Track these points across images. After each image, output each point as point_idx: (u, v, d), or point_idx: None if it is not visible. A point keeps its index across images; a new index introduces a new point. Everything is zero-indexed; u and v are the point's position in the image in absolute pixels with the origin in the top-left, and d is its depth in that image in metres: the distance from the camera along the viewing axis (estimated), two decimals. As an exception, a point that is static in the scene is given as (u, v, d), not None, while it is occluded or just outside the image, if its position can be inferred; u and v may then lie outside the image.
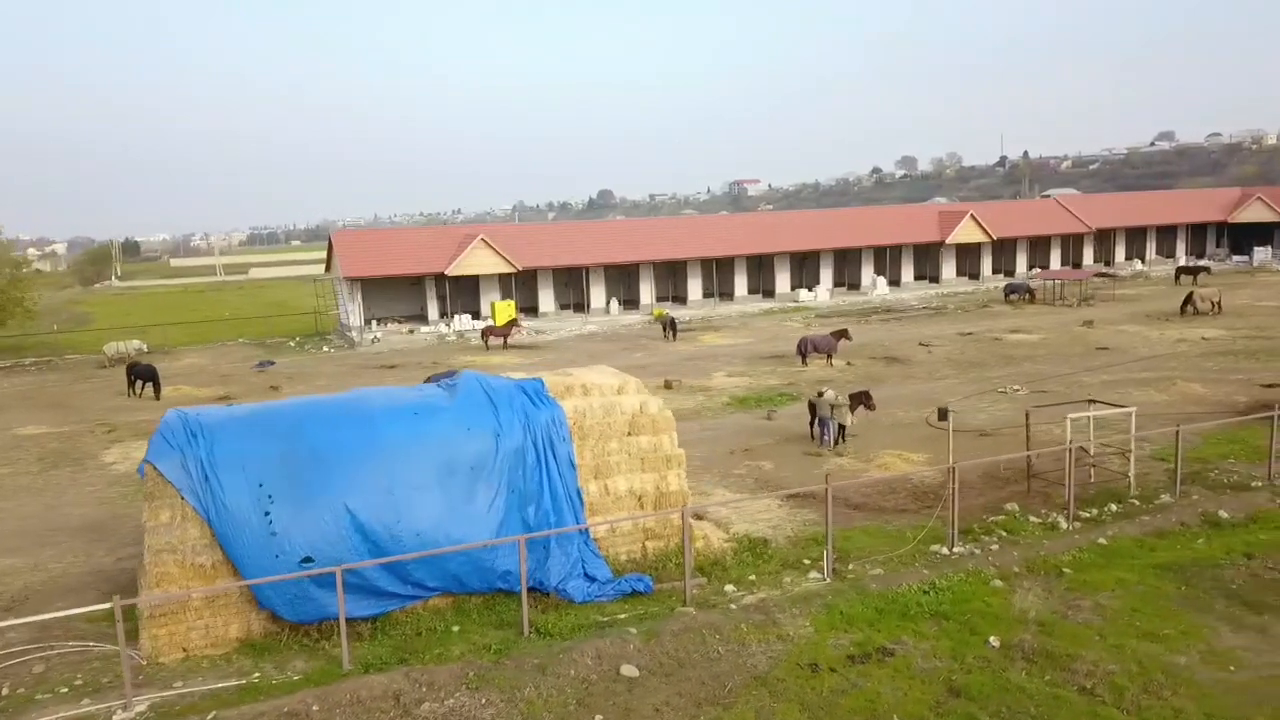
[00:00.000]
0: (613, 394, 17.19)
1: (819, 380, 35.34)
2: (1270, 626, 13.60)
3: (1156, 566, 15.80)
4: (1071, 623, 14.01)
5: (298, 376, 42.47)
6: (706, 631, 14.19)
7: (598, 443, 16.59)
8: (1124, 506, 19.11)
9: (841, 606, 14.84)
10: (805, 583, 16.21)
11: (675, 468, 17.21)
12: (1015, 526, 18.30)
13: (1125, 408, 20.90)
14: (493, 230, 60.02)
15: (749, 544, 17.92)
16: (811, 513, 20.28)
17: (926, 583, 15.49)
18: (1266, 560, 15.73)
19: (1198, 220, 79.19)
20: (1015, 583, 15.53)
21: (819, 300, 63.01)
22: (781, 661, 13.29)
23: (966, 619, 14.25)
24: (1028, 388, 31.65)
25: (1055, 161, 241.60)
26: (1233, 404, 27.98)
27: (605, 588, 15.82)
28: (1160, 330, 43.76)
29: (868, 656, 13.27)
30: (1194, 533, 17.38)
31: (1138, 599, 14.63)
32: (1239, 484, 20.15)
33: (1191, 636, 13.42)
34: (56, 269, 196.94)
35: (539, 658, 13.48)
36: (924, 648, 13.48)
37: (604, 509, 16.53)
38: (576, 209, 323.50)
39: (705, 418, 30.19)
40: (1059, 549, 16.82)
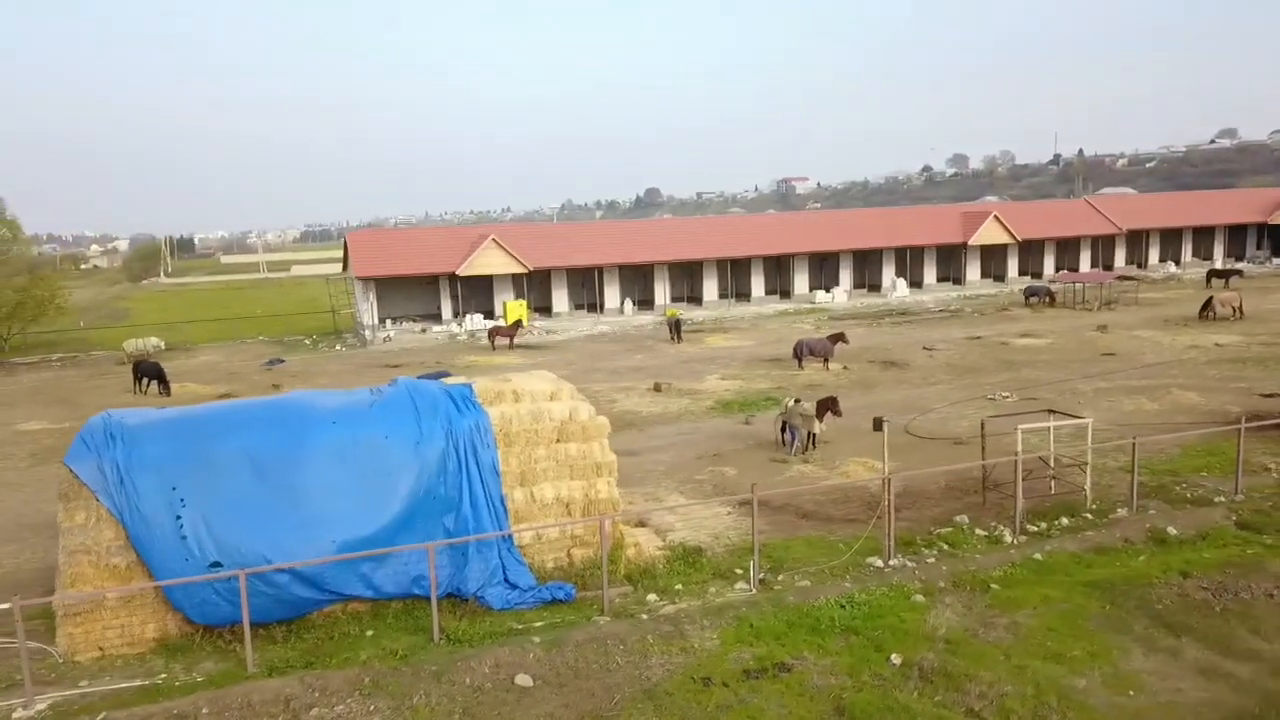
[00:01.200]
0: (545, 400, 17.17)
1: (809, 385, 35.05)
2: (1183, 650, 13.19)
3: (1086, 584, 15.40)
4: (981, 641, 13.71)
5: (302, 375, 43.05)
6: (611, 642, 14.13)
7: (524, 449, 16.58)
8: (1076, 520, 18.66)
9: (753, 619, 14.69)
10: (730, 593, 16.06)
11: (606, 475, 17.14)
12: (959, 539, 17.96)
13: (1082, 419, 20.39)
14: (504, 230, 60.35)
15: (683, 553, 17.79)
16: (762, 521, 20.04)
17: (845, 596, 15.25)
18: (1201, 580, 15.25)
19: (1236, 221, 77.05)
20: (938, 598, 15.24)
21: (835, 302, 62.38)
22: (676, 675, 13.18)
23: (876, 635, 14.01)
24: (1018, 394, 31.04)
25: (1111, 159, 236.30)
26: (1224, 414, 27.15)
27: (526, 595, 15.82)
28: (1174, 336, 42.65)
29: (764, 672, 13.11)
30: (1137, 549, 16.91)
31: (1057, 618, 14.27)
32: (1202, 499, 19.57)
33: (1100, 658, 13.06)
34: (114, 265, 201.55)
35: (438, 665, 13.52)
36: (824, 664, 13.28)
37: (530, 516, 16.51)
38: (624, 207, 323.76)
39: (685, 421, 30.06)
40: (993, 564, 16.47)
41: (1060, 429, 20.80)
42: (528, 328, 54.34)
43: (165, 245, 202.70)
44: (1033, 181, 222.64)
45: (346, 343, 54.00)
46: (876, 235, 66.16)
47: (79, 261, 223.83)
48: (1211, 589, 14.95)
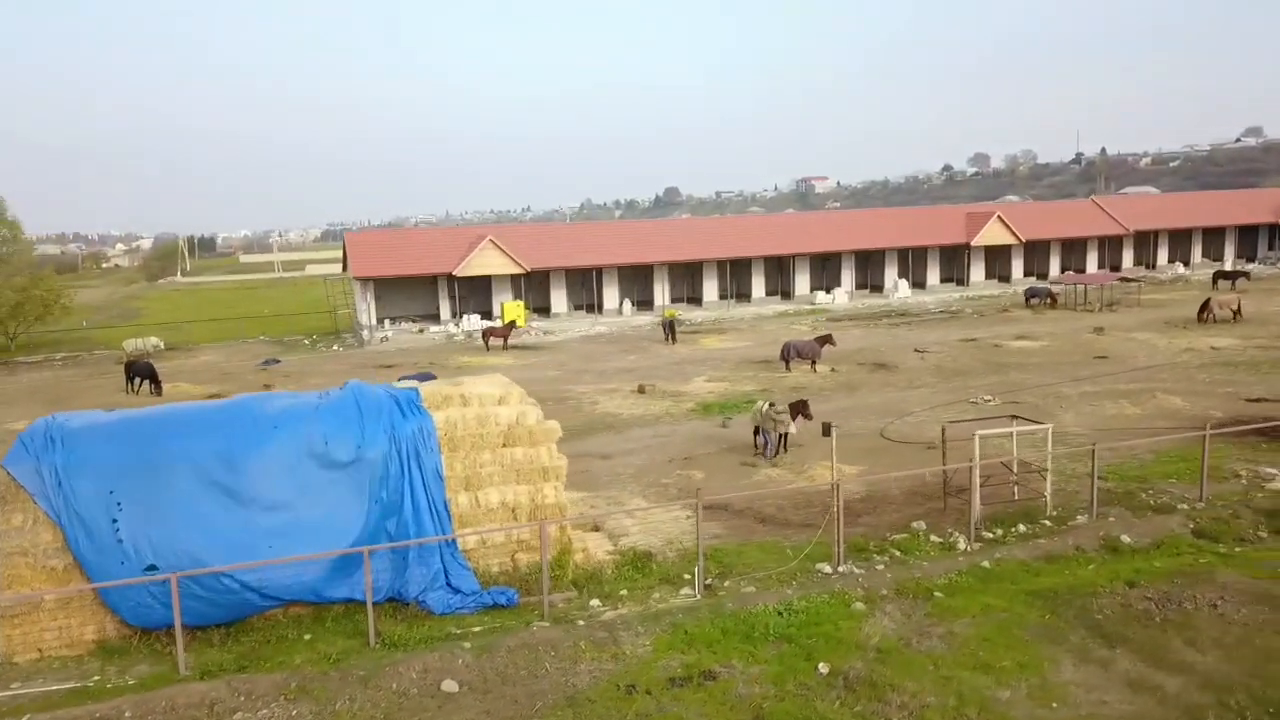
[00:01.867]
0: (493, 404, 17.14)
1: (795, 387, 34.91)
2: (1116, 661, 13.00)
3: (1030, 592, 15.22)
4: (913, 650, 13.57)
5: (295, 375, 43.28)
6: (543, 648, 14.08)
7: (469, 454, 16.57)
8: (1033, 527, 18.46)
9: (689, 626, 14.60)
10: (674, 599, 15.99)
11: (553, 480, 17.12)
12: (912, 546, 17.81)
13: (1041, 424, 20.17)
14: (503, 231, 60.47)
15: (633, 558, 17.71)
16: (718, 525, 20.03)
17: (785, 604, 15.15)
18: (1147, 590, 15.03)
19: (1247, 222, 76.16)
20: (878, 606, 15.10)
21: (836, 303, 62.10)
22: (602, 682, 13.12)
23: (809, 643, 13.89)
24: (1001, 398, 30.78)
25: (1134, 158, 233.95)
26: (1205, 419, 26.76)
27: (468, 600, 15.80)
28: (1171, 339, 42.17)
29: (689, 680, 13.02)
30: (1088, 558, 16.70)
31: (993, 627, 14.11)
32: (1165, 506, 19.31)
33: (1029, 669, 12.89)
34: (134, 265, 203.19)
35: (367, 669, 13.52)
36: (751, 672, 13.18)
37: (475, 521, 16.50)
38: (643, 207, 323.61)
39: (664, 423, 29.99)
40: (940, 571, 16.32)
41: (1026, 434, 20.58)
42: (525, 328, 54.43)
43: (182, 245, 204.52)
44: (1054, 181, 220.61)
45: (345, 343, 54.26)
46: (879, 236, 65.83)
47: (101, 260, 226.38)
48: (1156, 599, 14.73)
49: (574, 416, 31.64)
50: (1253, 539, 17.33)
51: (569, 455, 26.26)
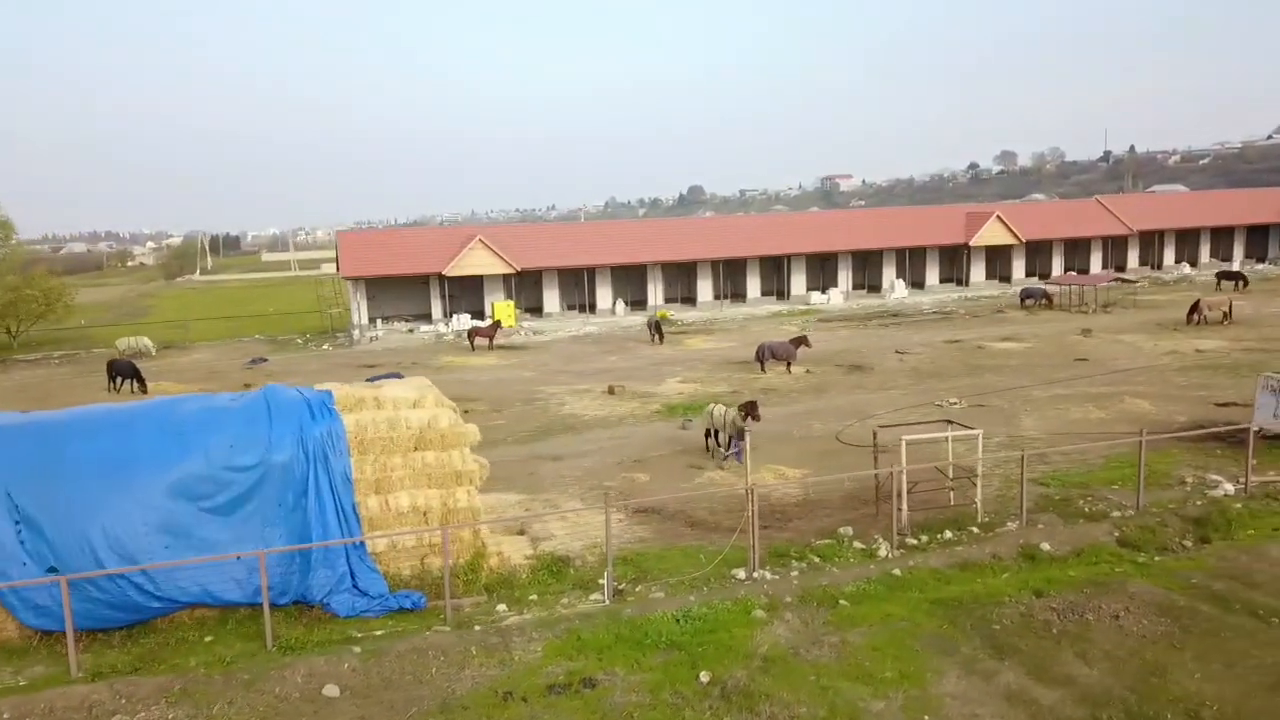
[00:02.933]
0: (407, 408, 17.11)
1: (767, 388, 34.72)
2: (1001, 673, 12.78)
3: (934, 601, 15.01)
4: (800, 660, 13.41)
5: (279, 374, 43.45)
6: (433, 653, 14.05)
7: (379, 457, 16.55)
8: (961, 534, 18.22)
9: (583, 632, 14.51)
10: (581, 605, 15.91)
11: (466, 484, 17.06)
12: (832, 552, 17.63)
13: (974, 430, 19.90)
14: (493, 231, 60.58)
15: (550, 562, 17.64)
16: (647, 529, 19.93)
17: (684, 610, 15.02)
18: (1053, 599, 14.79)
19: (1257, 221, 74.97)
20: (779, 613, 14.94)
21: (831, 303, 61.71)
22: (482, 688, 13.06)
23: (699, 651, 13.77)
24: (967, 401, 30.44)
25: (1163, 155, 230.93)
26: (1170, 423, 26.38)
27: (373, 603, 15.80)
28: (1157, 340, 41.57)
29: (568, 687, 12.94)
30: (1003, 566, 16.45)
31: (888, 636, 13.92)
32: (1099, 513, 19.00)
33: (911, 680, 12.70)
34: (159, 263, 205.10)
35: (253, 673, 13.53)
36: (632, 680, 13.08)
37: (385, 524, 16.48)
38: (666, 205, 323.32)
39: (625, 425, 29.89)
40: (851, 578, 16.12)
41: (959, 439, 20.32)
42: (514, 327, 54.51)
43: (200, 243, 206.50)
44: (1082, 179, 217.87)
45: (335, 342, 54.52)
46: (876, 236, 65.35)
47: (126, 259, 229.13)
48: (1059, 609, 14.49)
49: (539, 418, 31.68)
50: (1176, 548, 17.01)
51: (524, 457, 26.59)
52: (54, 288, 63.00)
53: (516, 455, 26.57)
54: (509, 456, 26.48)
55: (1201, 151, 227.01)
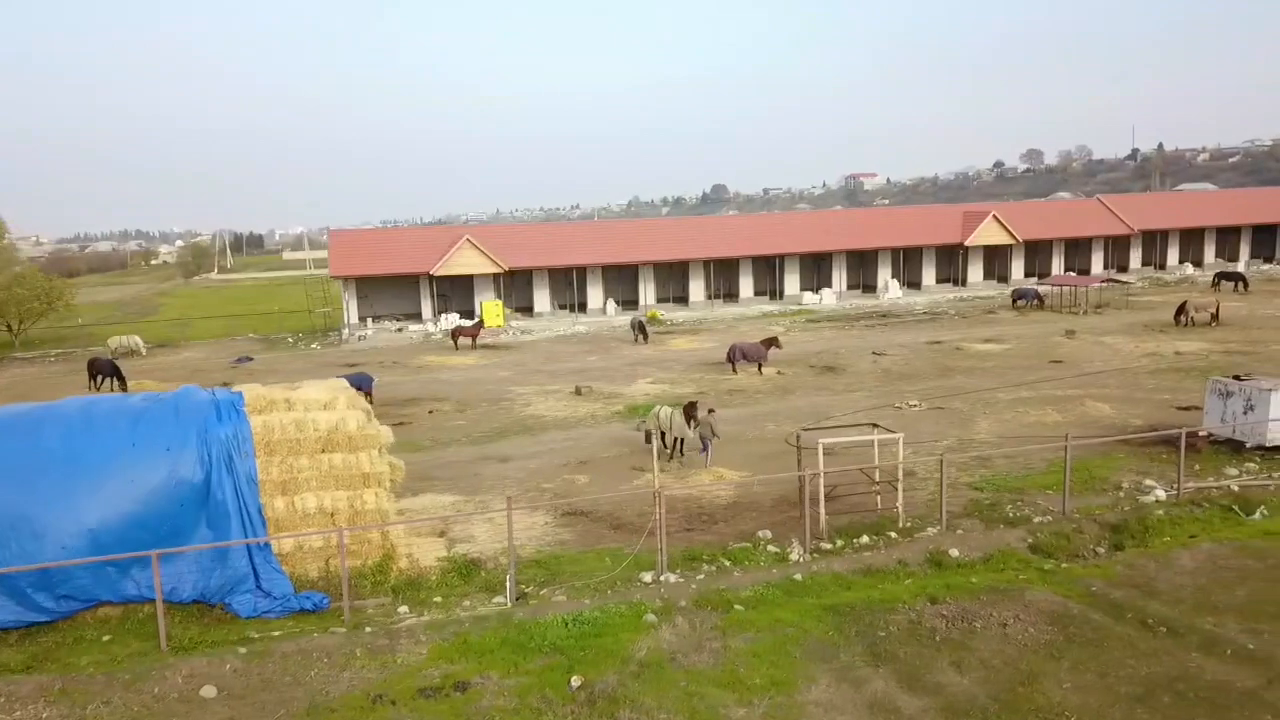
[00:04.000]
0: (318, 409, 17.18)
1: (735, 389, 34.64)
2: (871, 681, 12.67)
3: (828, 607, 14.90)
4: (675, 665, 13.35)
5: (258, 373, 43.77)
6: (318, 655, 14.10)
7: (286, 459, 16.63)
8: (878, 539, 18.08)
9: (473, 635, 14.52)
10: (483, 608, 15.92)
11: (373, 486, 17.12)
12: (744, 556, 17.56)
13: (895, 434, 19.74)
14: (482, 231, 60.70)
15: (461, 564, 17.66)
16: (570, 532, 19.92)
17: (574, 614, 14.99)
18: (947, 606, 14.63)
19: (1265, 221, 73.86)
20: (670, 618, 14.87)
21: (823, 304, 61.39)
22: (355, 691, 13.10)
23: (580, 655, 13.74)
24: (926, 404, 30.21)
25: (1191, 154, 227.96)
26: (1125, 427, 26.07)
27: (275, 604, 15.88)
28: (1139, 342, 41.06)
29: (439, 690, 12.96)
30: (907, 572, 16.31)
31: (771, 642, 13.83)
32: (1022, 518, 18.81)
33: (781, 687, 12.61)
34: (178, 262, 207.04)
35: (136, 673, 13.63)
36: (506, 684, 13.07)
37: (291, 525, 16.56)
38: (690, 204, 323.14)
39: (583, 426, 29.87)
40: (752, 583, 16.04)
41: (883, 442, 20.18)
42: (503, 327, 54.64)
43: (223, 242, 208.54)
44: (1109, 177, 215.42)
45: (324, 341, 54.83)
46: (871, 236, 64.95)
47: (150, 258, 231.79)
48: (950, 616, 14.35)
49: (500, 418, 31.72)
50: (1088, 555, 16.81)
51: (473, 458, 26.64)
52: (55, 287, 63.79)
53: (466, 456, 26.63)
54: (459, 457, 26.59)
55: (1231, 149, 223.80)
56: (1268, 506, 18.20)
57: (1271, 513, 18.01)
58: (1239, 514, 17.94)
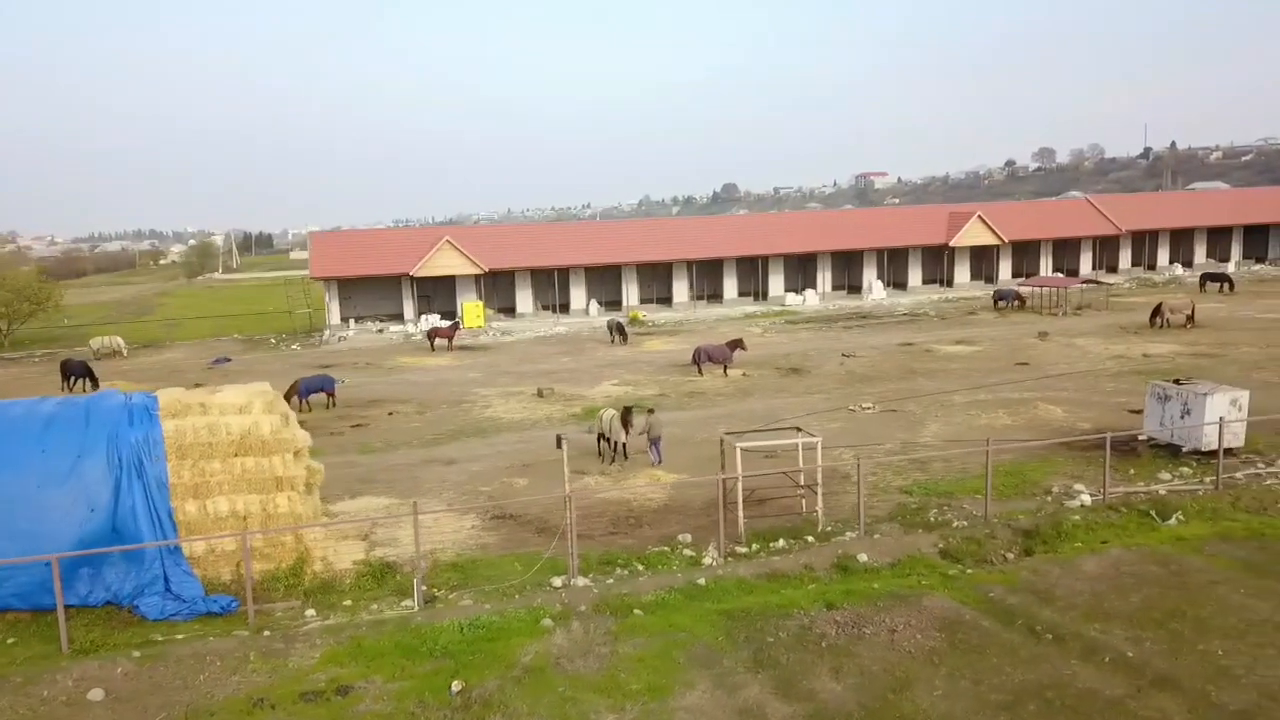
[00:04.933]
0: (233, 413, 17.30)
1: (696, 392, 34.67)
2: (746, 688, 12.69)
3: (724, 612, 14.93)
4: (559, 671, 13.41)
5: (234, 374, 44.01)
6: (211, 658, 14.21)
7: (198, 463, 16.76)
8: (795, 543, 18.09)
9: (368, 639, 14.61)
10: (389, 611, 15.99)
11: (286, 489, 17.23)
12: (659, 560, 17.60)
13: (815, 437, 19.74)
14: (463, 232, 60.87)
15: (378, 568, 17.74)
16: (495, 535, 19.99)
17: (471, 619, 15.07)
18: (841, 613, 14.65)
19: (1257, 221, 73.48)
20: (567, 623, 14.94)
21: (806, 304, 61.35)
22: (239, 694, 13.19)
23: (468, 660, 13.81)
24: (880, 406, 30.16)
25: (1204, 152, 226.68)
26: (1071, 430, 25.98)
27: (183, 607, 15.99)
28: (1110, 344, 40.90)
29: (320, 695, 13.04)
30: (812, 577, 16.32)
31: (659, 647, 13.88)
32: (943, 523, 18.78)
33: (658, 693, 12.66)
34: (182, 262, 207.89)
35: (28, 676, 13.77)
36: (389, 689, 13.15)
37: (203, 528, 16.68)
38: (700, 203, 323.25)
39: (536, 429, 29.91)
40: (656, 587, 16.08)
41: (788, 446, 20.14)
42: (483, 327, 54.80)
43: (231, 241, 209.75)
44: (1120, 176, 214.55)
45: (305, 342, 55.06)
46: (855, 237, 64.87)
47: (158, 257, 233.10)
48: (842, 623, 14.37)
49: (457, 420, 31.79)
50: (997, 560, 16.79)
51: (419, 461, 26.72)
52: (43, 288, 64.27)
53: (414, 459, 26.73)
54: (406, 460, 26.68)
55: (1244, 148, 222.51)
56: (1185, 512, 18.13)
57: (1188, 518, 17.95)
58: (1155, 519, 17.88)
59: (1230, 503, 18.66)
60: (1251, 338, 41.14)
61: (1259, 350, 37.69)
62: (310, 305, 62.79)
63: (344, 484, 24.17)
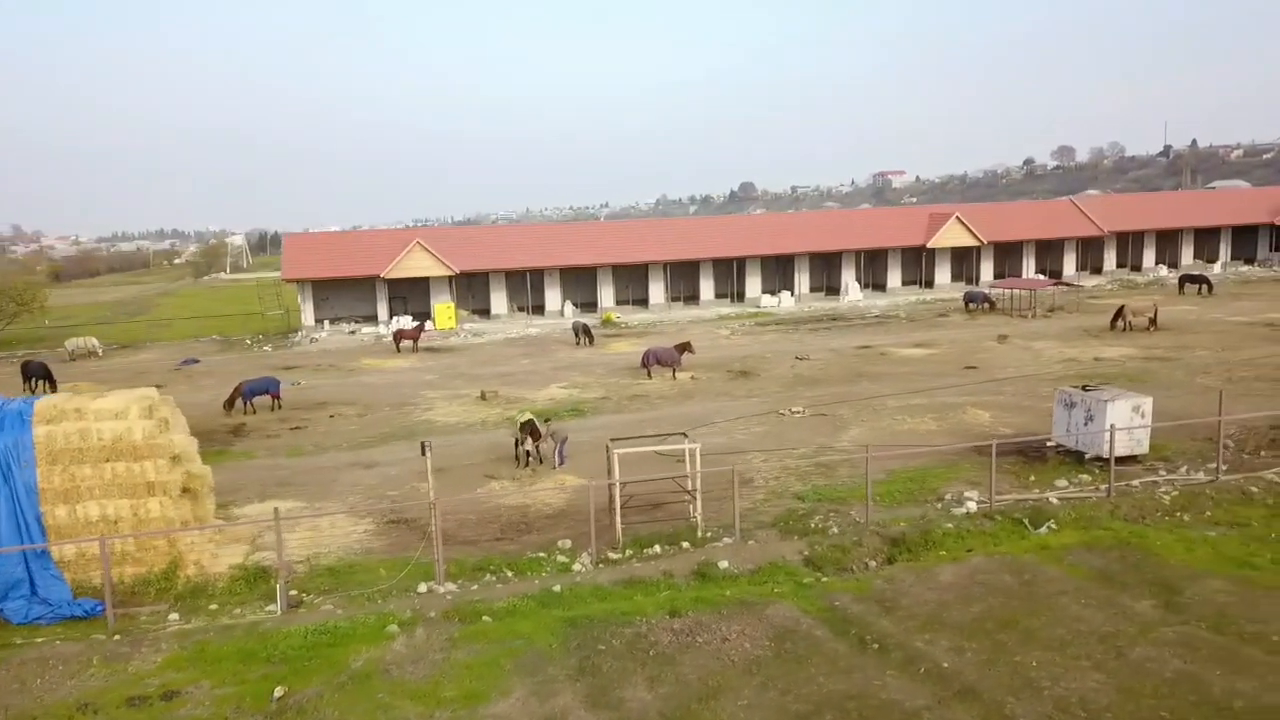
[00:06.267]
0: (109, 419, 17.51)
1: (639, 395, 34.72)
2: (560, 695, 12.78)
3: (568, 619, 15.02)
4: (386, 677, 13.54)
5: (199, 374, 44.50)
6: (54, 661, 14.42)
7: (68, 468, 16.98)
8: (670, 548, 18.16)
9: (212, 645, 14.78)
10: (252, 615, 16.18)
11: (159, 494, 17.42)
12: (532, 565, 17.71)
13: (692, 444, 19.78)
14: (434, 234, 61.12)
15: (253, 572, 17.91)
16: (384, 540, 20.13)
17: (319, 624, 15.22)
18: (681, 621, 14.70)
19: (1245, 222, 72.83)
20: (413, 629, 15.08)
21: (781, 306, 61.28)
22: (68, 699, 13.38)
23: (303, 665, 13.96)
24: (810, 410, 30.13)
25: (1225, 150, 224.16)
26: (991, 435, 25.84)
27: (48, 610, 16.22)
28: (1064, 348, 40.66)
29: (146, 700, 13.22)
30: (668, 584, 16.37)
31: (492, 654, 13.99)
32: (822, 529, 18.76)
33: (473, 700, 12.77)
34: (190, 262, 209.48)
35: None
36: (215, 694, 13.31)
37: (73, 532, 16.91)
38: (717, 202, 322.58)
39: (468, 432, 30.07)
40: (511, 593, 16.20)
41: (670, 451, 20.22)
42: (455, 329, 55.05)
43: (242, 241, 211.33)
44: (1140, 174, 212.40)
45: (278, 344, 55.42)
46: (833, 238, 64.72)
47: (173, 257, 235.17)
48: (680, 630, 14.43)
49: (394, 423, 31.97)
50: (857, 568, 16.78)
51: (342, 464, 26.91)
52: (28, 289, 65.02)
53: (338, 462, 26.92)
54: (330, 463, 26.88)
55: (1266, 145, 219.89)
56: (1059, 520, 18.06)
57: (1061, 526, 17.88)
58: (1028, 527, 17.83)
59: (1109, 511, 18.57)
60: (1211, 341, 40.83)
61: (1212, 354, 37.40)
62: (282, 307, 63.12)
63: (260, 487, 24.43)
